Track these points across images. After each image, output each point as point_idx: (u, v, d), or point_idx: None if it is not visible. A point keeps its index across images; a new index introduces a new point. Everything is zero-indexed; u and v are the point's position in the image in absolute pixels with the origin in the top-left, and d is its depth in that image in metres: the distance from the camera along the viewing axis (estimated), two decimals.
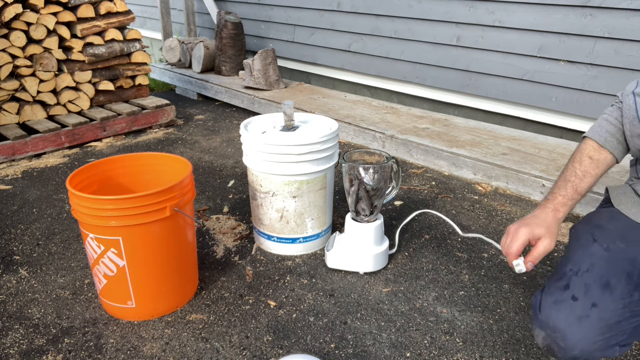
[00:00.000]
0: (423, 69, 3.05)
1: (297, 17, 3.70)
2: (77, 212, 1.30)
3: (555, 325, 1.01)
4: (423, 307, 1.48)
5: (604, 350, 1.00)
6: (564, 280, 1.05)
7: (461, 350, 1.31)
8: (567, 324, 1.00)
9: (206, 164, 2.60)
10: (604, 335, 0.99)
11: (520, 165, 2.23)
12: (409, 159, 2.59)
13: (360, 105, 3.23)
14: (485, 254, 1.75)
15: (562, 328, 1.00)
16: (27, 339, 1.36)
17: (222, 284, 1.60)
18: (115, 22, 2.94)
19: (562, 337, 1.00)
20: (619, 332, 1.00)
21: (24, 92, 2.70)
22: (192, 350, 1.31)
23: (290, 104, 1.64)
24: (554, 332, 1.02)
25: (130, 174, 1.56)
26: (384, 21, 3.16)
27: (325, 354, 1.30)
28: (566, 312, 1.01)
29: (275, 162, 1.59)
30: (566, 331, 1.00)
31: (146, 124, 3.10)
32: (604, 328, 0.98)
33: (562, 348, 1.01)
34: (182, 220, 1.39)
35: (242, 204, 2.14)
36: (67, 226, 1.96)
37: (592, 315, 0.99)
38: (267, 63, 3.48)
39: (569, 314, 1.00)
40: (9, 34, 2.58)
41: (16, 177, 2.42)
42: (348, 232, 1.62)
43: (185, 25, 4.47)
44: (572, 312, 1.00)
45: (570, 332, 0.99)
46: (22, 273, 1.66)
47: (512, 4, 2.56)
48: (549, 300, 1.05)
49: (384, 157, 1.58)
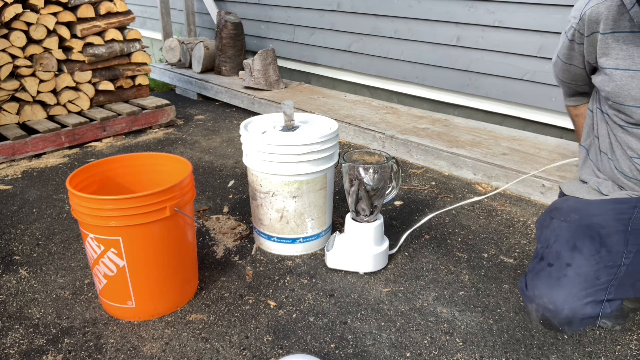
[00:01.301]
0: (423, 69, 3.05)
1: (297, 17, 3.70)
2: (77, 212, 1.30)
3: (540, 293, 1.10)
4: (423, 307, 1.48)
5: (593, 308, 1.06)
6: (539, 257, 1.17)
7: (461, 350, 1.31)
8: (550, 287, 1.09)
9: (206, 164, 2.60)
10: (586, 289, 1.06)
11: (520, 165, 2.23)
12: (409, 159, 2.59)
13: (360, 105, 3.23)
14: (485, 254, 1.75)
15: (546, 292, 1.09)
16: (27, 339, 1.36)
17: (222, 284, 1.60)
18: (115, 22, 2.94)
19: (549, 300, 1.08)
20: (601, 287, 1.07)
21: (24, 92, 2.70)
22: (192, 350, 1.31)
23: (290, 104, 1.64)
24: (541, 299, 1.09)
25: (130, 174, 1.56)
26: (383, 21, 3.16)
27: (325, 354, 1.30)
28: (546, 278, 1.10)
29: (275, 162, 1.59)
30: (551, 293, 1.08)
31: (146, 124, 3.10)
32: (583, 282, 1.07)
33: (553, 312, 1.08)
34: (182, 220, 1.39)
35: (242, 204, 2.14)
36: (67, 226, 1.96)
37: (569, 273, 1.08)
38: (267, 63, 3.48)
39: (548, 278, 1.10)
40: (9, 34, 2.58)
41: (16, 177, 2.42)
42: (348, 232, 1.62)
43: (185, 25, 4.47)
44: (551, 276, 1.10)
45: (554, 293, 1.08)
46: (22, 273, 1.66)
47: (512, 4, 2.56)
48: (530, 276, 1.15)
49: (384, 157, 1.58)
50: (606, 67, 1.17)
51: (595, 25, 1.16)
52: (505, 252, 1.77)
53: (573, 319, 1.08)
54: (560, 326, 1.11)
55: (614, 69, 1.15)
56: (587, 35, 1.20)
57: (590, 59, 1.23)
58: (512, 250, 1.78)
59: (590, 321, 1.10)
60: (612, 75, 1.16)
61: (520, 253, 1.75)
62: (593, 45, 1.19)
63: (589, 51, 1.22)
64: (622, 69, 1.14)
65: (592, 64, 1.24)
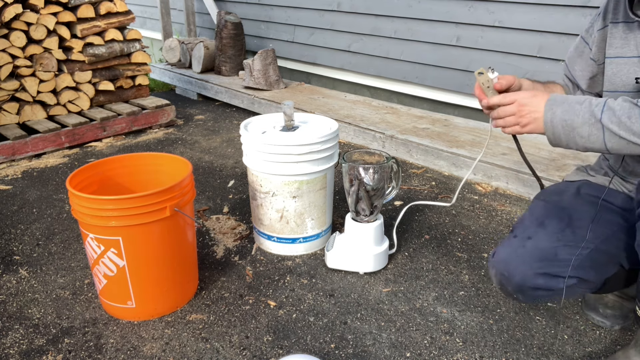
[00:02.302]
0: (423, 69, 3.05)
1: (297, 17, 3.70)
2: (77, 212, 1.30)
3: (499, 259, 1.19)
4: (423, 307, 1.48)
5: (546, 280, 1.13)
6: (511, 232, 1.24)
7: (461, 350, 1.31)
8: (508, 255, 1.18)
9: (206, 164, 2.60)
10: (541, 262, 1.14)
11: (520, 165, 2.23)
12: (409, 159, 2.59)
13: (360, 105, 3.23)
14: (485, 254, 1.75)
15: (504, 259, 1.18)
16: (27, 339, 1.36)
17: (222, 284, 1.60)
18: (115, 22, 2.94)
19: (505, 267, 1.18)
20: (559, 263, 1.13)
21: (24, 92, 2.70)
22: (192, 350, 1.31)
23: (290, 104, 1.64)
24: (499, 265, 1.19)
25: (130, 174, 1.56)
26: (383, 21, 3.16)
27: (325, 354, 1.30)
28: (508, 248, 1.19)
29: (275, 162, 1.59)
30: (507, 261, 1.17)
31: (146, 124, 3.10)
32: (540, 255, 1.14)
33: (507, 278, 1.17)
34: (182, 220, 1.39)
35: (242, 204, 2.14)
36: (67, 226, 1.96)
37: (528, 245, 1.16)
38: (267, 63, 3.48)
39: (509, 247, 1.19)
40: (9, 34, 2.58)
41: (16, 177, 2.42)
42: (348, 232, 1.62)
43: (185, 25, 4.47)
44: (512, 245, 1.19)
45: (510, 260, 1.17)
46: (22, 273, 1.66)
47: (512, 4, 2.56)
48: (498, 246, 1.23)
49: (384, 157, 1.58)
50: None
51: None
52: None
53: (523, 287, 1.16)
54: (514, 293, 1.19)
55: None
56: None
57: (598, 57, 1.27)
58: None
59: (546, 295, 1.16)
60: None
61: None
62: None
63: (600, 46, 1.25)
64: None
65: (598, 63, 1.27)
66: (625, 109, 1.00)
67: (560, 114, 1.08)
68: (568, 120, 1.07)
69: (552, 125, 1.10)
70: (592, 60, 1.29)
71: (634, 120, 0.99)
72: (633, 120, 0.99)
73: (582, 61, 1.33)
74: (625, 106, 1.00)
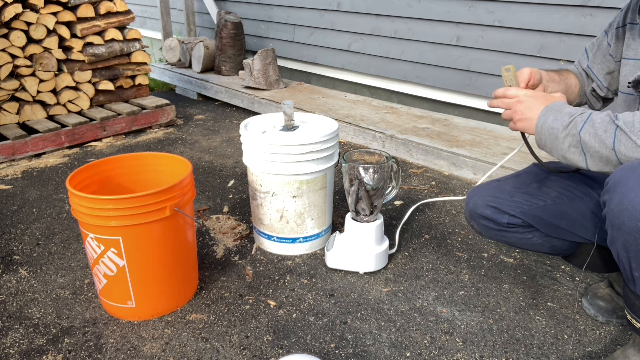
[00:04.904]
0: (423, 68, 3.05)
1: (297, 17, 3.70)
2: (77, 212, 1.30)
3: (469, 194, 1.39)
4: (423, 307, 1.48)
5: (493, 212, 1.30)
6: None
7: (461, 350, 1.31)
8: (476, 188, 1.39)
9: (206, 164, 2.60)
10: (494, 197, 1.31)
11: (520, 166, 2.23)
12: (409, 159, 2.59)
13: (360, 105, 3.23)
14: (485, 254, 1.75)
15: (472, 191, 1.39)
16: (27, 339, 1.36)
17: (222, 284, 1.60)
18: (115, 22, 2.94)
19: (468, 196, 1.38)
20: (510, 202, 1.28)
21: (23, 92, 2.70)
22: (192, 350, 1.31)
23: (290, 104, 1.64)
24: (467, 199, 1.39)
25: (130, 174, 1.56)
26: (384, 21, 3.16)
27: (325, 354, 1.30)
28: (479, 185, 1.40)
29: (275, 162, 1.59)
30: (473, 192, 1.38)
31: (146, 123, 3.10)
32: (496, 192, 1.32)
33: (465, 205, 1.38)
34: (182, 220, 1.39)
35: (242, 204, 2.14)
36: (67, 226, 1.96)
37: (493, 184, 1.36)
38: (267, 63, 3.48)
39: (480, 185, 1.39)
40: (9, 34, 2.58)
41: (16, 177, 2.42)
42: (348, 232, 1.62)
43: (185, 25, 4.47)
44: (482, 185, 1.39)
45: (474, 192, 1.37)
46: (22, 273, 1.66)
47: (512, 4, 2.56)
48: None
49: (384, 157, 1.58)
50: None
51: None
52: (505, 252, 1.77)
53: (473, 213, 1.35)
54: (468, 220, 1.40)
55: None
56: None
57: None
58: (512, 250, 1.78)
59: (493, 228, 1.32)
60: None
61: (520, 253, 1.75)
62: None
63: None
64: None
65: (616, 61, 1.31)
66: (604, 123, 1.00)
67: (550, 121, 1.09)
68: (554, 129, 1.08)
69: (541, 131, 1.12)
70: (610, 56, 1.31)
71: (609, 135, 0.98)
72: (608, 134, 0.98)
73: (601, 54, 1.36)
74: (605, 120, 1.00)
